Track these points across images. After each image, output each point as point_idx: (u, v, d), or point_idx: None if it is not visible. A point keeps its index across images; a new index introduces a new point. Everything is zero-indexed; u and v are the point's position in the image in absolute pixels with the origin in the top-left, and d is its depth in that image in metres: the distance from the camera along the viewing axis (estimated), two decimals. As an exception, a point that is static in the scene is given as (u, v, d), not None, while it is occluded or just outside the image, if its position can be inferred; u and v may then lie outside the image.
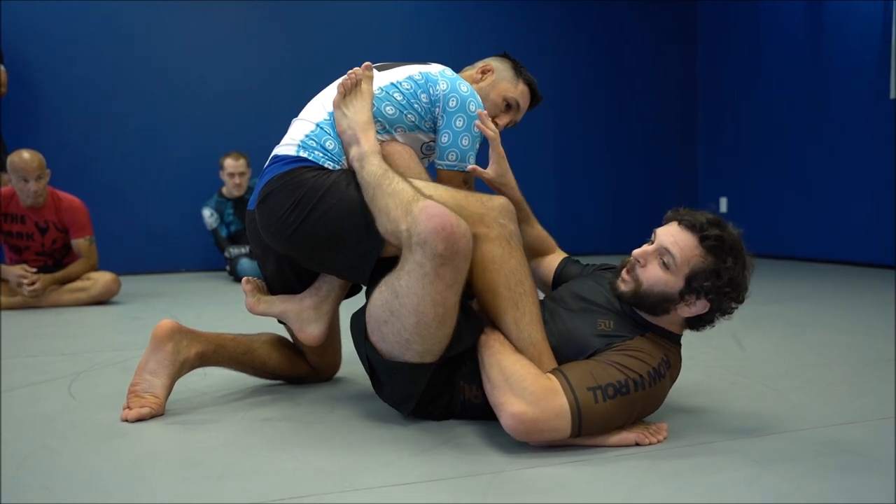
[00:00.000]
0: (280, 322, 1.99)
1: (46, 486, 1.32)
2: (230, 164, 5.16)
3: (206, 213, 5.24)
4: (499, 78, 2.03)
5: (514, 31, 6.51)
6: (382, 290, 1.55)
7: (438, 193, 1.62)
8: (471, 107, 1.84)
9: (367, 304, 1.64)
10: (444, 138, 1.84)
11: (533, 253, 1.96)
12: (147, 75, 5.62)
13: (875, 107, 5.30)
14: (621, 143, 6.97)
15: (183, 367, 1.82)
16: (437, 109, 1.85)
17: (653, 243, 1.61)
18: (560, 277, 1.92)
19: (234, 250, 5.14)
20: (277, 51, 5.93)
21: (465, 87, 1.86)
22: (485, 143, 1.93)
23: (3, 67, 4.58)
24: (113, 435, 1.61)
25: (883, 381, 2.04)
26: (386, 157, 1.75)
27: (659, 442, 1.52)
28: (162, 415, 1.75)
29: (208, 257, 5.73)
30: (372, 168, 1.65)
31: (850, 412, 1.75)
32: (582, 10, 6.78)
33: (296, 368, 2.07)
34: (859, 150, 5.47)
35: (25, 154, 3.84)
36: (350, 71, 1.82)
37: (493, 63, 2.07)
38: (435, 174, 1.87)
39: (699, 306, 1.57)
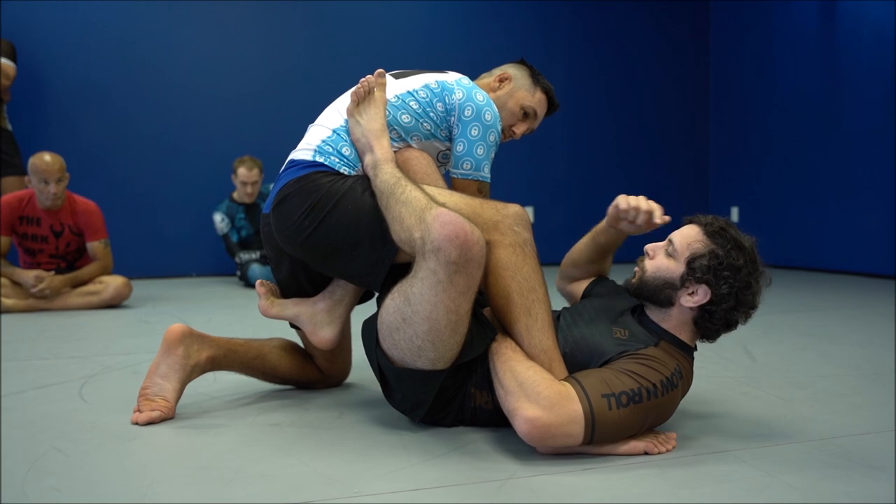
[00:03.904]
0: (292, 326, 2.00)
1: (56, 487, 1.33)
2: (244, 173, 5.18)
3: (217, 217, 5.26)
4: (516, 86, 2.02)
5: (527, 36, 6.52)
6: (395, 297, 1.55)
7: (453, 201, 1.62)
8: (486, 116, 1.83)
9: (378, 310, 1.64)
10: (460, 147, 1.84)
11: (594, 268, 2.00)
12: (159, 79, 5.66)
13: (887, 116, 5.27)
14: (632, 151, 6.96)
15: (193, 371, 1.83)
16: (453, 118, 1.85)
17: None
18: (589, 293, 1.94)
19: (244, 255, 5.15)
20: (291, 54, 5.95)
21: (480, 96, 1.86)
22: (500, 149, 1.93)
23: (13, 64, 4.64)
24: (123, 438, 1.62)
25: (893, 392, 2.03)
26: (403, 163, 1.76)
27: (668, 451, 1.52)
28: (172, 418, 1.76)
29: (219, 262, 5.76)
30: (385, 176, 1.65)
31: (860, 423, 1.74)
32: (593, 16, 6.78)
33: (306, 374, 2.07)
34: (871, 161, 5.44)
35: (47, 156, 3.89)
36: (363, 79, 1.82)
37: (511, 70, 2.05)
38: (450, 183, 1.88)
39: (700, 294, 1.59)
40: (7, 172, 4.53)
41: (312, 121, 1.93)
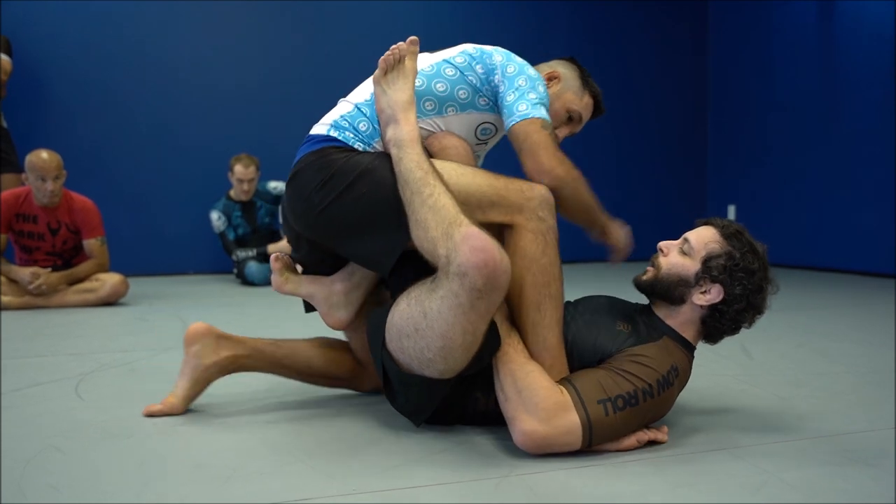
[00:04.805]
0: (307, 310, 1.94)
1: (52, 485, 1.33)
2: (240, 170, 5.18)
3: (214, 215, 5.25)
4: (565, 87, 1.90)
5: (525, 35, 6.50)
6: (411, 304, 1.49)
7: (476, 183, 1.58)
8: (530, 71, 1.74)
9: (390, 307, 1.58)
10: (510, 97, 1.70)
11: None
12: (157, 77, 5.65)
13: (884, 116, 5.28)
14: (630, 150, 6.95)
15: (211, 370, 1.80)
16: (496, 76, 1.74)
17: None
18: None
19: (241, 253, 5.14)
20: (289, 52, 5.94)
21: (520, 59, 1.77)
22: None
23: (8, 59, 4.62)
24: (119, 435, 1.62)
25: (890, 390, 2.03)
26: (439, 151, 1.71)
27: (660, 440, 1.54)
28: (180, 414, 1.77)
29: (216, 260, 5.75)
30: (410, 164, 1.56)
31: (858, 421, 1.74)
32: (592, 17, 6.78)
33: (345, 369, 1.95)
34: (868, 160, 5.45)
35: (44, 154, 3.89)
36: (393, 46, 1.70)
37: (561, 69, 1.93)
38: (485, 166, 1.75)
39: (713, 293, 1.59)
40: (4, 170, 4.52)
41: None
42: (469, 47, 1.80)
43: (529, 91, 1.70)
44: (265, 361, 1.87)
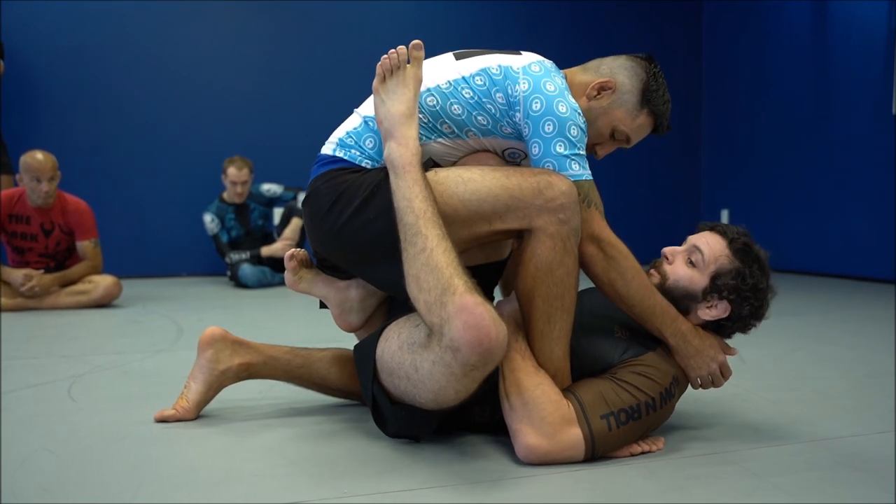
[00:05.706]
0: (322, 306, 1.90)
1: (45, 487, 1.32)
2: (233, 173, 5.17)
3: (207, 218, 5.24)
4: (617, 102, 1.66)
5: (521, 36, 6.52)
6: (403, 349, 1.44)
7: (486, 187, 1.47)
8: (560, 108, 1.52)
9: (376, 337, 1.55)
10: (535, 149, 1.53)
11: None
12: (151, 79, 5.64)
13: (878, 122, 5.30)
14: (623, 153, 6.95)
15: (224, 377, 1.78)
16: (518, 115, 1.56)
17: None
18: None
19: (234, 256, 5.14)
20: (284, 54, 5.93)
21: (551, 85, 1.55)
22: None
23: (0, 61, 4.61)
24: (112, 438, 1.61)
25: (884, 394, 2.04)
26: (469, 161, 1.64)
27: (655, 450, 1.53)
28: (193, 419, 1.75)
29: (209, 262, 5.74)
30: (402, 203, 1.43)
31: (850, 425, 1.75)
32: (587, 17, 6.79)
33: (358, 385, 1.85)
34: (862, 165, 5.47)
35: (39, 155, 3.89)
36: (392, 50, 1.56)
37: (621, 78, 1.66)
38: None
39: (720, 309, 1.58)
40: (-4, 171, 4.51)
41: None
42: (492, 65, 1.60)
43: (556, 140, 1.51)
44: (280, 370, 1.84)
